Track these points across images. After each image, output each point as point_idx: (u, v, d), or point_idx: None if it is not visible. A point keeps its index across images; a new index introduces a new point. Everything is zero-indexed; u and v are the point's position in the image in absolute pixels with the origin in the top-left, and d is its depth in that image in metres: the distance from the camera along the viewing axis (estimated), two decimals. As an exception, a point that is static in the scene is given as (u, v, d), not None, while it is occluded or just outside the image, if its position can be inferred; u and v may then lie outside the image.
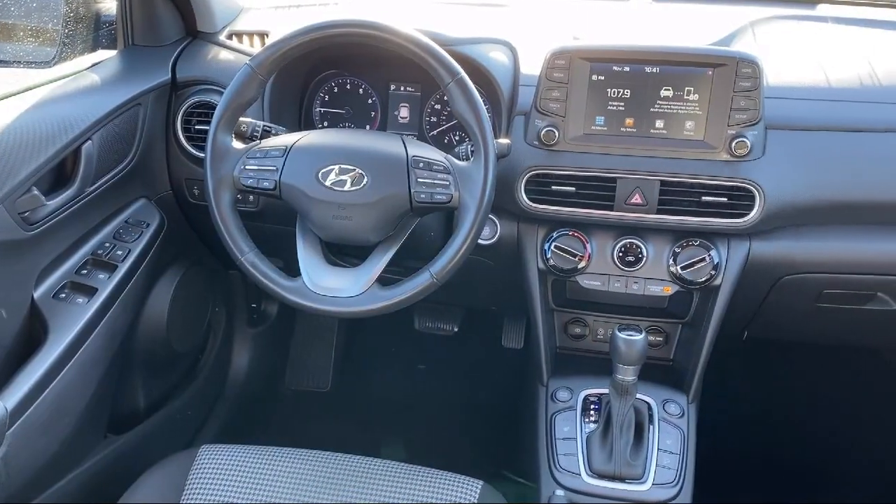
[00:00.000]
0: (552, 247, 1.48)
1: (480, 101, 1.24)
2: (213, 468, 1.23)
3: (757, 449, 2.07)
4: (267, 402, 2.27)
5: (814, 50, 1.55)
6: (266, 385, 2.28)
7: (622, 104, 1.38)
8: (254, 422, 2.16)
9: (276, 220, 1.54)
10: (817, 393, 2.18)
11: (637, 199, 1.41)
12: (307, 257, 1.30)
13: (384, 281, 1.29)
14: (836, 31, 1.64)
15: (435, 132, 1.63)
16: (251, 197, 1.57)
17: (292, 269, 1.31)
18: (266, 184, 1.27)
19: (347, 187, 1.24)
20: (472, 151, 1.28)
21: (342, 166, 1.24)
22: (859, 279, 1.49)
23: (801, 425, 2.12)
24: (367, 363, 2.43)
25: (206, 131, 1.31)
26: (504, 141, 1.33)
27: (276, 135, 1.36)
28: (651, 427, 1.42)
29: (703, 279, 1.44)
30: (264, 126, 1.37)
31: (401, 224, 1.31)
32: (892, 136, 1.40)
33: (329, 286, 1.26)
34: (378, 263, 1.28)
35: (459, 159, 1.29)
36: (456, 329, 2.23)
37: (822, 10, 1.74)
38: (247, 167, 1.27)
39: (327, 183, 1.24)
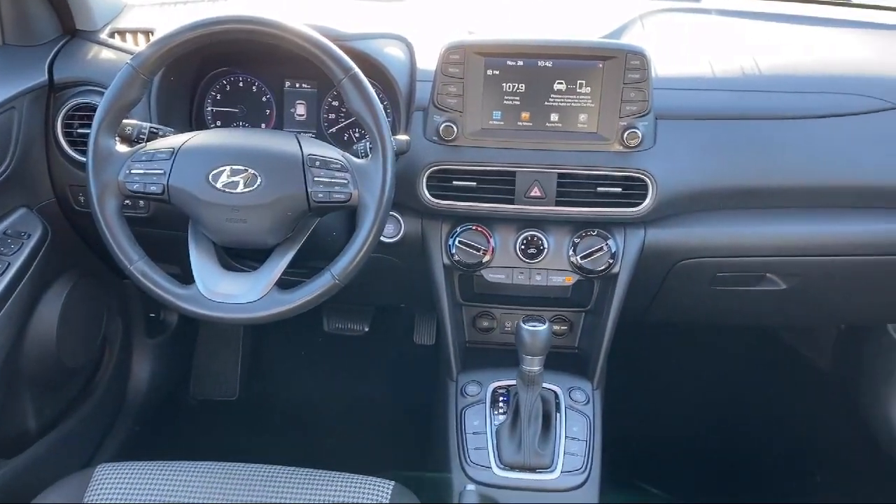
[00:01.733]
0: (456, 242, 1.48)
1: (376, 96, 1.22)
2: (111, 488, 1.17)
3: (663, 431, 2.13)
4: (171, 415, 2.19)
5: (700, 41, 1.60)
6: (170, 397, 2.19)
7: (518, 98, 1.39)
8: (158, 436, 2.08)
9: (168, 225, 1.48)
10: (720, 374, 2.27)
11: (536, 191, 1.42)
12: (201, 263, 1.25)
13: (285, 284, 1.26)
14: (720, 23, 1.70)
15: (333, 130, 1.60)
16: (141, 202, 1.50)
17: (189, 277, 1.26)
18: (153, 188, 1.21)
19: (240, 189, 1.20)
20: (370, 148, 1.27)
21: (234, 167, 1.20)
22: (750, 261, 1.55)
23: (705, 406, 2.20)
24: (276, 368, 2.37)
25: (88, 135, 1.24)
26: (403, 137, 1.32)
27: (163, 136, 1.30)
28: (558, 415, 1.45)
29: (602, 268, 1.47)
30: (151, 127, 1.31)
31: (299, 225, 1.28)
32: (775, 124, 1.46)
33: (225, 292, 1.22)
34: (277, 266, 1.25)
35: (358, 157, 1.27)
36: (367, 329, 2.21)
37: (707, 2, 1.80)
38: (132, 171, 1.21)
39: (219, 185, 1.20)
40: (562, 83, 1.38)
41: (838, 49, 1.60)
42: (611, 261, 1.47)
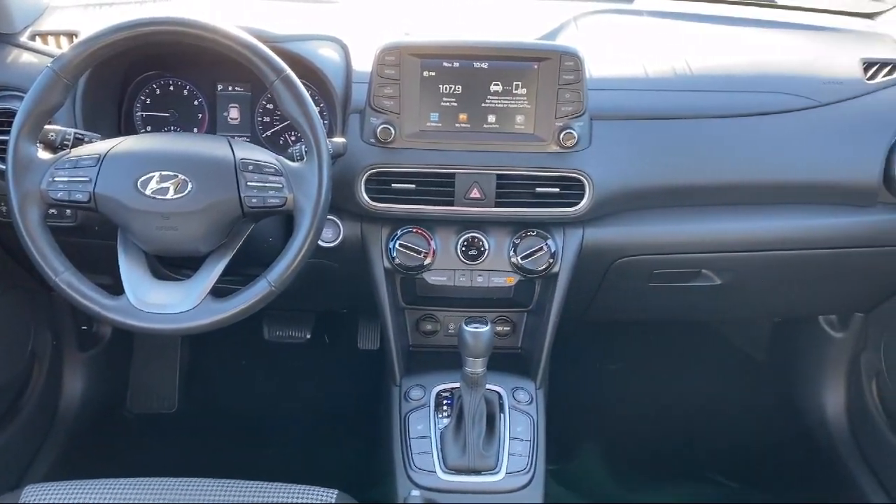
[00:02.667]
0: (397, 245, 1.47)
1: (309, 98, 1.20)
2: (38, 510, 1.12)
3: (606, 428, 2.16)
4: (107, 431, 2.11)
5: (633, 42, 1.63)
6: (105, 412, 2.12)
7: (455, 100, 1.39)
8: (92, 453, 2.00)
9: (97, 234, 1.43)
10: (661, 369, 2.31)
11: (476, 193, 1.42)
12: (131, 272, 1.21)
13: (220, 292, 1.23)
14: (652, 24, 1.73)
15: (269, 133, 1.57)
16: (67, 211, 1.44)
17: (121, 287, 1.21)
18: (79, 196, 1.17)
19: (170, 195, 1.16)
20: (305, 151, 1.24)
21: (163, 173, 1.17)
22: (685, 258, 1.58)
23: (647, 401, 2.24)
24: (215, 379, 2.32)
25: (7, 142, 1.19)
26: (339, 140, 1.31)
27: (89, 142, 1.26)
28: (502, 416, 1.45)
29: (543, 268, 1.48)
30: (76, 133, 1.26)
31: (233, 231, 1.25)
32: (707, 123, 1.49)
33: (157, 302, 1.18)
34: (210, 274, 1.22)
35: (293, 160, 1.25)
36: (309, 336, 2.17)
37: (639, 3, 1.83)
38: (56, 179, 1.17)
39: (147, 192, 1.16)
40: (498, 84, 1.38)
41: (766, 49, 1.64)
42: (551, 260, 1.48)
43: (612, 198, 1.45)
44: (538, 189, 1.42)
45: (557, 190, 1.42)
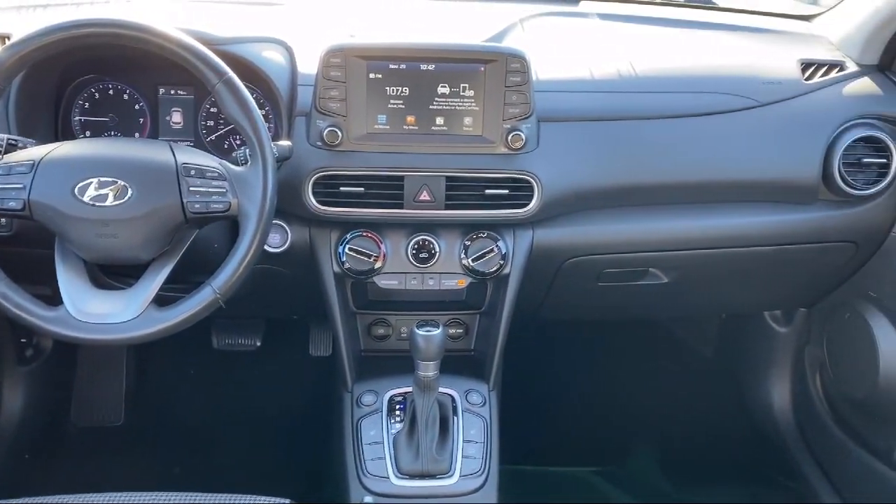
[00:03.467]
0: (346, 249, 1.45)
1: (252, 101, 1.19)
2: (-27, 532, 1.07)
3: (560, 428, 2.17)
4: (50, 446, 2.04)
5: (579, 44, 1.64)
6: (48, 427, 2.05)
7: (402, 102, 1.38)
8: (36, 470, 1.94)
9: (33, 243, 1.37)
10: (613, 367, 2.33)
11: (425, 195, 1.41)
12: (70, 282, 1.17)
13: (163, 301, 1.20)
14: (598, 26, 1.75)
15: (213, 137, 1.54)
16: (2, 220, 1.39)
17: (60, 297, 1.18)
18: (12, 204, 1.13)
19: (110, 202, 1.13)
20: (250, 155, 1.22)
21: (101, 179, 1.14)
22: (633, 257, 1.60)
23: (600, 400, 2.26)
24: (163, 389, 2.26)
25: None
26: (285, 143, 1.29)
27: (23, 148, 1.21)
28: (455, 419, 1.44)
29: (494, 269, 1.48)
30: (8, 139, 1.22)
31: (176, 238, 1.22)
32: (653, 123, 1.51)
33: (97, 312, 1.15)
34: (153, 283, 1.19)
35: (238, 164, 1.23)
36: (259, 343, 2.14)
37: (585, 6, 1.85)
38: None
39: (86, 198, 1.13)
40: (445, 87, 1.37)
41: (708, 50, 1.67)
42: (502, 262, 1.48)
43: (560, 199, 1.46)
44: (488, 191, 1.42)
45: (507, 191, 1.43)
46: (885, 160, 1.54)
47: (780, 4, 1.95)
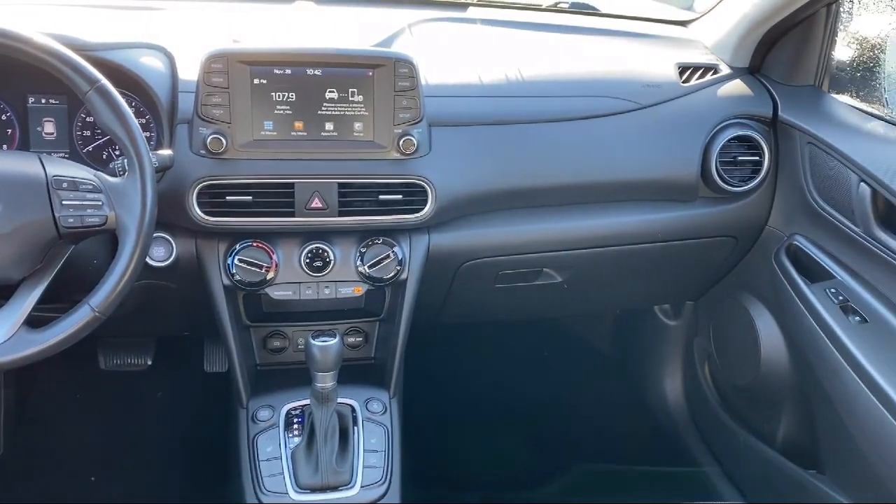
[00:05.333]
0: (236, 260, 1.41)
1: (127, 109, 1.13)
2: None
3: (464, 431, 2.18)
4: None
5: (468, 50, 1.66)
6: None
7: (289, 108, 1.35)
8: None
9: None
10: (514, 368, 2.36)
11: (317, 203, 1.39)
12: (-71, 306, 1.08)
13: (37, 322, 1.12)
14: (486, 32, 1.77)
15: (90, 148, 1.46)
16: None
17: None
18: None
19: (-28, 219, 1.05)
20: (128, 166, 1.16)
21: None
22: (528, 258, 1.63)
23: (503, 401, 2.28)
24: (47, 416, 2.12)
25: None
26: (165, 152, 1.24)
27: None
28: (356, 429, 1.42)
29: (391, 275, 1.47)
30: None
31: (50, 255, 1.15)
32: (541, 126, 1.54)
33: (-38, 336, 1.06)
34: (25, 303, 1.11)
35: (115, 176, 1.17)
36: (149, 362, 2.04)
37: (472, 12, 1.87)
38: None
39: None
40: (333, 91, 1.35)
41: (592, 55, 1.72)
42: (398, 268, 1.47)
43: (455, 202, 1.46)
44: (381, 196, 1.41)
45: (401, 197, 1.42)
46: (757, 158, 1.63)
47: (658, 10, 2.03)
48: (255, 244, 1.42)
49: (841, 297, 1.49)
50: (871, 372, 1.35)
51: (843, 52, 1.68)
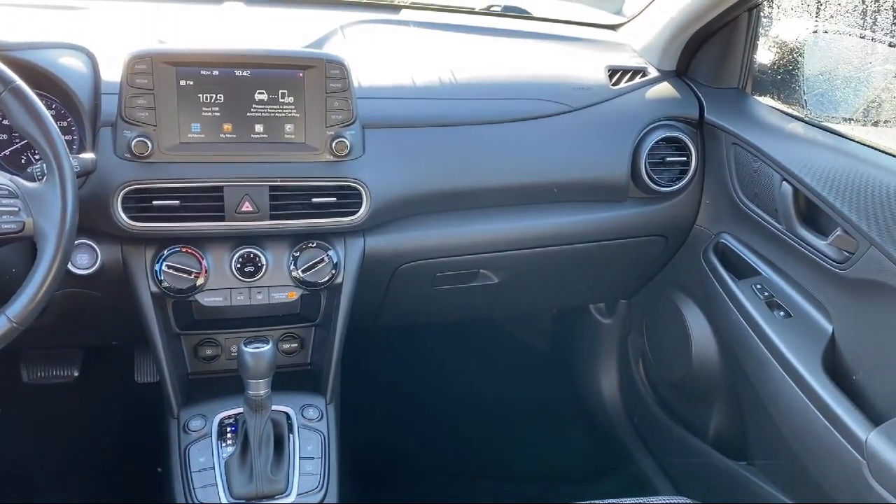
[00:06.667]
0: (164, 267, 1.37)
1: (45, 111, 1.09)
2: None
3: (404, 435, 2.17)
4: None
5: (401, 52, 1.65)
6: None
7: (217, 109, 1.32)
8: None
9: None
10: (454, 370, 2.36)
11: (248, 206, 1.36)
12: None
13: None
14: (418, 35, 1.77)
15: (7, 152, 1.40)
16: None
17: None
18: None
19: None
20: (47, 170, 1.12)
21: None
22: (464, 260, 1.63)
23: (443, 403, 2.28)
24: None
25: None
26: (87, 156, 1.20)
27: None
28: (291, 436, 1.40)
29: (325, 279, 1.45)
30: None
31: None
32: (474, 129, 1.54)
33: None
34: (-68, 315, 1.06)
35: (34, 181, 1.12)
36: (76, 374, 1.97)
37: (405, 14, 1.86)
38: None
39: None
40: (263, 93, 1.33)
41: (525, 58, 1.74)
42: (333, 271, 1.45)
43: (389, 205, 1.46)
44: (314, 199, 1.39)
45: (334, 199, 1.40)
46: (685, 159, 1.67)
47: (588, 14, 2.06)
48: (183, 250, 1.38)
49: (766, 293, 1.54)
50: (794, 365, 1.40)
51: (764, 55, 1.74)
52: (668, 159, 1.65)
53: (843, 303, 1.39)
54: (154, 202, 1.31)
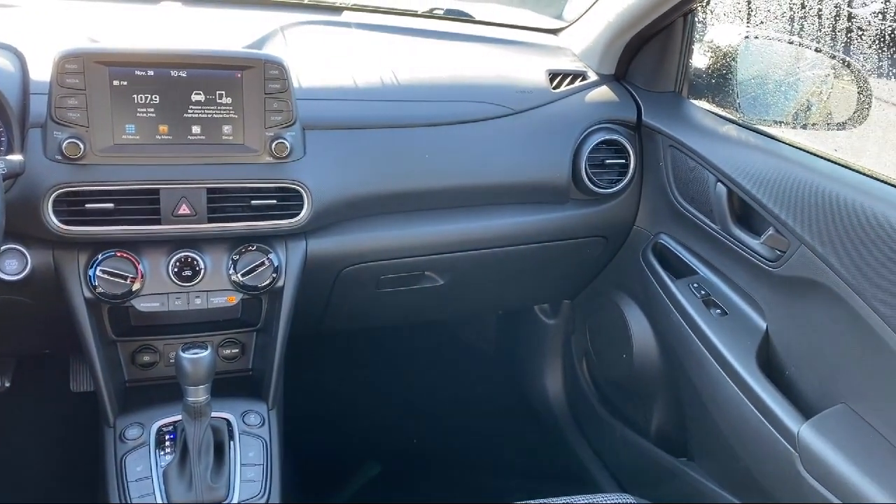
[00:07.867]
0: (98, 272, 1.33)
1: None
2: None
3: (350, 438, 2.15)
4: None
5: (342, 54, 1.64)
6: None
7: (152, 110, 1.29)
8: None
9: None
10: (399, 372, 2.36)
11: (185, 209, 1.33)
12: None
13: None
14: (360, 37, 1.76)
15: (-70, 154, 1.35)
16: None
17: None
18: None
19: None
20: (-29, 172, 1.08)
21: None
22: (408, 262, 1.63)
23: (389, 407, 2.27)
24: None
25: None
26: (14, 157, 1.16)
27: None
28: (232, 443, 1.37)
29: (266, 283, 1.43)
30: None
31: None
32: (416, 131, 1.55)
33: None
34: None
35: None
36: (7, 384, 1.90)
37: (347, 16, 1.86)
38: None
39: None
40: (200, 94, 1.31)
41: (467, 61, 1.74)
42: (274, 275, 1.43)
43: (332, 207, 1.44)
44: (254, 202, 1.37)
45: (275, 202, 1.39)
46: (624, 161, 1.70)
47: (530, 18, 2.08)
48: (118, 254, 1.35)
49: (703, 292, 1.58)
50: (730, 361, 1.43)
51: (700, 60, 1.78)
52: (607, 161, 1.68)
53: (776, 300, 1.43)
54: (87, 205, 1.28)
